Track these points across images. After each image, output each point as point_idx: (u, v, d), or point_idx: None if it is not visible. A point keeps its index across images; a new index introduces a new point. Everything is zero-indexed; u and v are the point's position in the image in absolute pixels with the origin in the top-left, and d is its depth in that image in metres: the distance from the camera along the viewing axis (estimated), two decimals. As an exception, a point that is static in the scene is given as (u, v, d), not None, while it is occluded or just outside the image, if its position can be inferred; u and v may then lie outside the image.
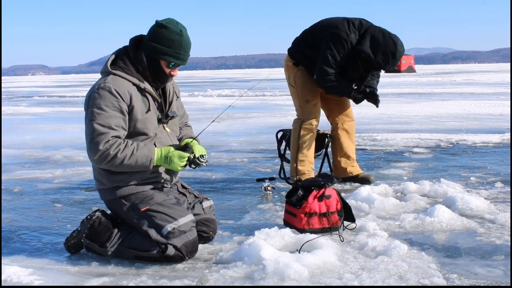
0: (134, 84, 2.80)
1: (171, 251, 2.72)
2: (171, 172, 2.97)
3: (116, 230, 2.84)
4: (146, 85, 2.84)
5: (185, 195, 3.05)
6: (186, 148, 2.91)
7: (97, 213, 2.91)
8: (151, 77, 2.87)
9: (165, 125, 2.95)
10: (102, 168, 2.80)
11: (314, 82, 4.34)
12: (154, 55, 2.80)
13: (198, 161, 2.85)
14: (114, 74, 2.78)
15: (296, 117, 4.52)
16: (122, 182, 2.83)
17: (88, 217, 2.91)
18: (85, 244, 2.89)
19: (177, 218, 2.77)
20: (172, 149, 2.82)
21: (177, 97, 3.08)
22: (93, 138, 2.69)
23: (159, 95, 2.93)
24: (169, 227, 2.74)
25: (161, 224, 2.75)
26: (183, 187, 3.12)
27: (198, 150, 2.89)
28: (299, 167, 4.41)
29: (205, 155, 2.90)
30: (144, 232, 2.77)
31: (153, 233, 2.75)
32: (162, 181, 2.93)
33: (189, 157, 2.84)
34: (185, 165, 2.85)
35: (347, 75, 4.26)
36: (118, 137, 2.73)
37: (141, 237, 2.78)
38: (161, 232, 2.74)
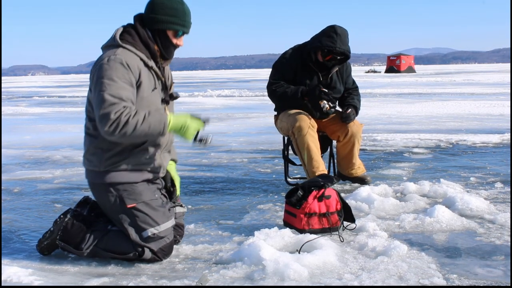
0: (142, 59, 2.74)
1: (147, 254, 2.72)
2: (162, 159, 2.90)
3: (90, 232, 2.79)
4: (152, 63, 2.79)
5: (166, 197, 2.98)
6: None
7: (69, 216, 2.84)
8: (159, 51, 2.82)
9: (166, 106, 2.89)
10: (114, 140, 2.66)
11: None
12: (160, 26, 2.76)
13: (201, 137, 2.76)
14: (124, 47, 2.71)
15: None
16: (114, 166, 2.74)
17: (62, 216, 2.85)
18: (60, 245, 2.84)
19: (159, 223, 2.75)
20: (189, 116, 2.74)
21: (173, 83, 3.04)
22: (104, 108, 2.58)
23: (162, 75, 2.88)
24: (149, 232, 2.72)
25: (143, 226, 2.73)
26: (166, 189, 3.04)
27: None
28: (311, 169, 4.31)
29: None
30: (123, 229, 2.74)
31: (132, 232, 2.73)
32: (154, 167, 2.84)
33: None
34: (195, 138, 2.75)
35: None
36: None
37: (117, 239, 2.76)
38: (141, 235, 2.73)
